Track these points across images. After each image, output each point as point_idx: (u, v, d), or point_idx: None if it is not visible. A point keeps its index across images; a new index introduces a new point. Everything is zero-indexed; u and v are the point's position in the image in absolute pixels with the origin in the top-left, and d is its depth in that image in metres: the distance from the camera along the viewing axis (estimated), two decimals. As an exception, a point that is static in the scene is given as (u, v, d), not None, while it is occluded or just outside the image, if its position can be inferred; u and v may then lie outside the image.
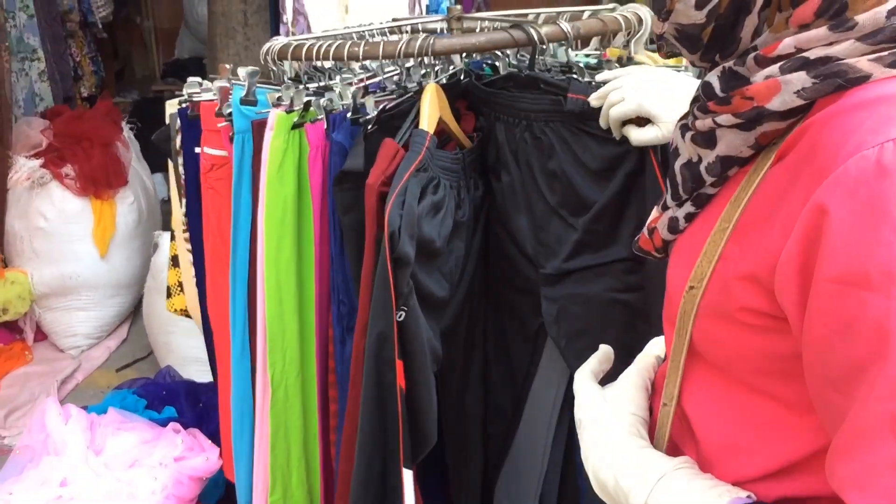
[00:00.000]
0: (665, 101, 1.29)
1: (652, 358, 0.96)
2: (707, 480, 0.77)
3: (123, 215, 3.80)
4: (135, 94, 6.55)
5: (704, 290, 0.75)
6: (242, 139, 1.55)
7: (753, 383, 0.75)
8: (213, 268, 1.75)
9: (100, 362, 3.75)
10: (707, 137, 0.75)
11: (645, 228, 0.91)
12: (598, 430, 0.88)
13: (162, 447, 2.11)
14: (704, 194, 0.79)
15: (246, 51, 4.26)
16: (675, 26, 0.76)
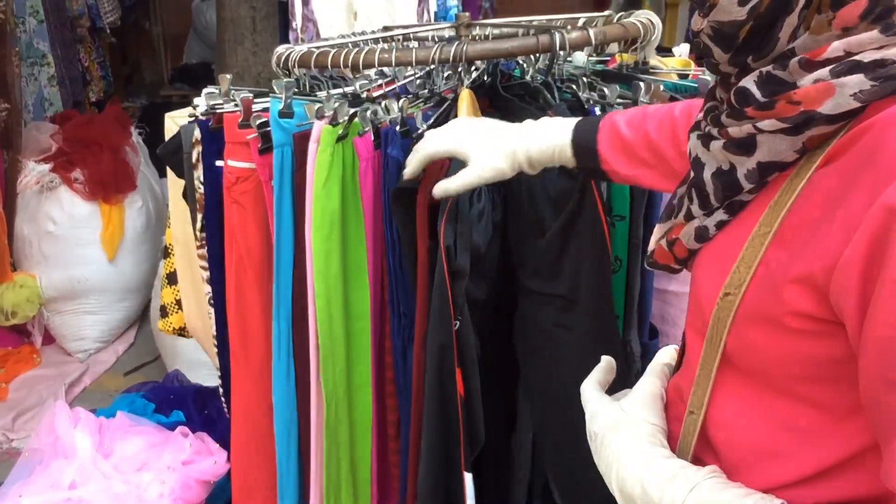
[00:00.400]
0: (477, 138, 1.25)
1: (664, 367, 0.96)
2: (740, 489, 0.76)
3: (132, 219, 3.82)
4: (143, 99, 6.57)
5: (743, 295, 0.74)
6: (282, 152, 1.52)
7: (791, 388, 0.75)
8: (237, 284, 1.71)
9: (108, 366, 3.76)
10: (744, 144, 0.75)
11: (662, 241, 0.90)
12: (619, 441, 0.87)
13: (170, 451, 2.13)
14: (739, 201, 0.79)
15: (254, 56, 4.28)
16: (712, 24, 0.75)
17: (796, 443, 0.75)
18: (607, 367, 1.01)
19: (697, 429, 0.84)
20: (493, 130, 1.26)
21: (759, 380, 0.77)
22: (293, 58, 1.57)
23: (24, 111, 4.18)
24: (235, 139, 1.62)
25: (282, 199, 1.55)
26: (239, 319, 1.73)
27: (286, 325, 1.63)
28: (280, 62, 1.63)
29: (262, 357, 1.75)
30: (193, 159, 1.72)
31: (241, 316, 1.73)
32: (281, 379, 1.66)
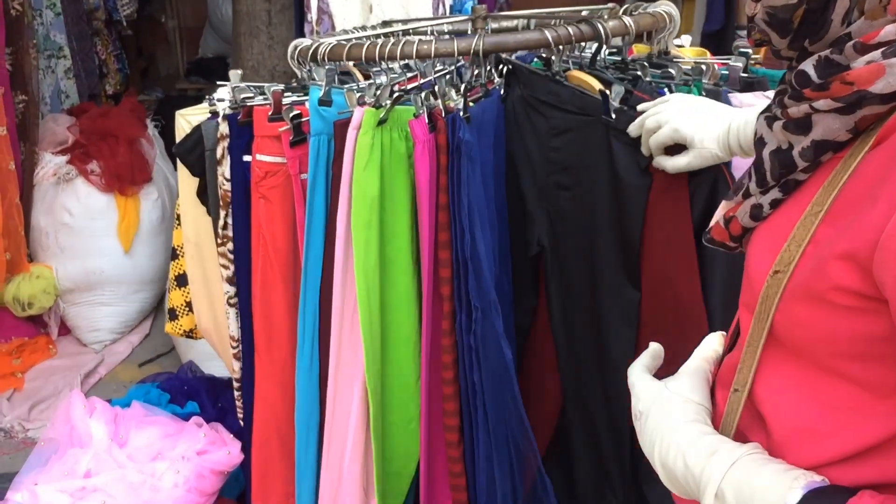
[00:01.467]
0: (699, 127, 1.34)
1: (711, 352, 0.97)
2: (780, 464, 0.77)
3: (147, 211, 3.84)
4: (159, 93, 6.59)
5: (792, 273, 0.76)
6: (318, 141, 1.51)
7: (835, 366, 0.75)
8: (263, 281, 1.71)
9: (122, 357, 3.78)
10: (801, 124, 0.77)
11: (720, 218, 0.92)
12: (662, 418, 0.89)
13: (185, 440, 2.14)
14: (793, 180, 0.80)
15: (269, 50, 4.28)
16: (766, 10, 0.78)
17: (839, 421, 0.76)
18: (655, 352, 1.03)
19: (741, 406, 0.85)
20: (712, 114, 1.35)
21: (804, 357, 0.78)
22: (322, 51, 1.55)
23: (41, 103, 4.20)
24: (265, 133, 1.61)
25: (315, 190, 1.53)
26: (264, 316, 1.72)
27: (312, 318, 1.61)
28: (305, 55, 1.60)
29: (287, 354, 1.75)
30: (218, 155, 1.70)
31: (266, 313, 1.72)
32: (303, 372, 1.65)
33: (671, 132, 1.37)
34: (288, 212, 1.66)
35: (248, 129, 1.65)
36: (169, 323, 2.32)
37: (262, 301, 1.72)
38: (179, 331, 2.28)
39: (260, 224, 1.67)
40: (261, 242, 1.68)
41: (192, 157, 1.78)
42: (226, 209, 1.72)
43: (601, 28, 1.51)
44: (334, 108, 1.51)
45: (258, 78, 4.38)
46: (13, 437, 3.20)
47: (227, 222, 1.74)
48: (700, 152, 1.35)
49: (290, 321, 1.73)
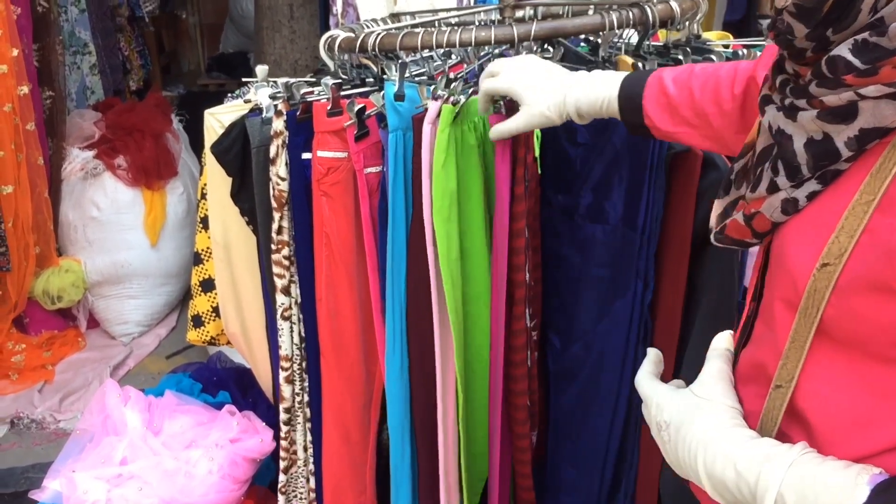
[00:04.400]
0: (532, 86, 1.32)
1: (726, 351, 0.95)
2: (837, 462, 0.76)
3: (173, 205, 3.87)
4: (180, 88, 6.64)
5: (845, 265, 0.74)
6: (396, 137, 1.50)
7: (890, 355, 0.74)
8: (329, 282, 1.68)
9: (150, 349, 3.83)
10: (843, 112, 0.75)
11: (737, 216, 0.90)
12: (701, 427, 0.86)
13: (218, 429, 2.16)
14: (833, 171, 0.78)
15: (292, 44, 4.31)
16: (795, 2, 0.76)
17: (891, 409, 0.75)
18: (656, 358, 1.02)
19: (786, 402, 0.83)
20: (549, 78, 1.32)
21: (856, 348, 0.77)
22: (371, 42, 1.52)
23: (68, 99, 4.25)
24: (325, 128, 1.60)
25: (396, 185, 1.51)
26: (330, 320, 1.71)
27: (400, 316, 1.59)
28: (349, 46, 1.58)
29: (355, 358, 1.75)
30: (272, 154, 1.66)
31: (332, 315, 1.71)
32: (395, 374, 1.62)
33: (506, 85, 1.34)
34: (350, 208, 1.64)
35: (305, 126, 1.64)
36: (193, 331, 2.27)
37: (328, 303, 1.70)
38: (205, 337, 2.24)
39: (323, 223, 1.65)
40: (324, 242, 1.66)
41: (229, 156, 1.75)
42: (280, 211, 1.68)
43: (650, 12, 1.52)
44: (408, 102, 1.50)
45: (280, 72, 4.41)
46: (45, 428, 3.24)
47: (282, 226, 1.69)
48: (529, 111, 1.32)
49: (356, 323, 1.72)
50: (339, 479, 1.84)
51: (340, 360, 1.74)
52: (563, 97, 1.29)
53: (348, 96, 1.63)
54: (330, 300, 1.70)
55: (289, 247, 1.71)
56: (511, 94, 1.35)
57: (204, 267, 2.15)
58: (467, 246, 1.53)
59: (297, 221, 1.70)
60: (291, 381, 1.82)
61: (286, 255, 1.71)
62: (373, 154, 1.60)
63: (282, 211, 1.67)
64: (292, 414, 1.86)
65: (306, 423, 1.88)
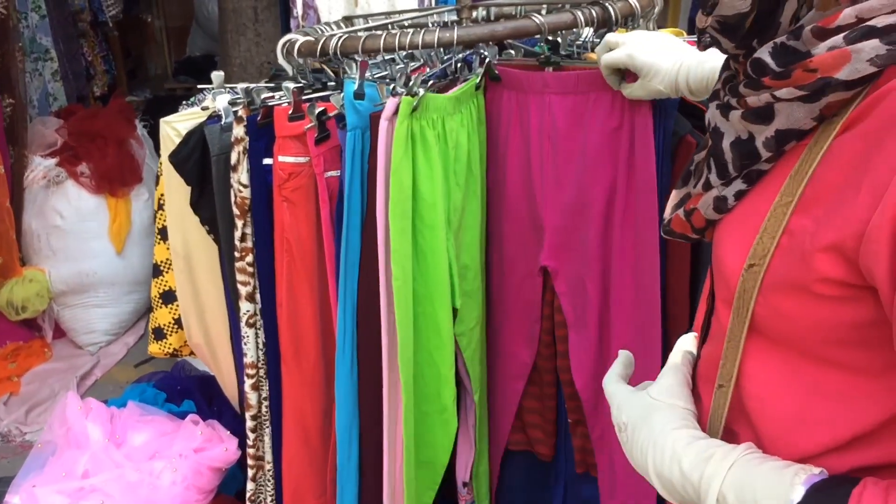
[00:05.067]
0: (653, 57, 1.37)
1: (687, 354, 0.96)
2: (777, 461, 0.76)
3: (139, 212, 3.83)
4: (147, 93, 6.57)
5: (768, 265, 0.75)
6: (353, 136, 1.48)
7: (823, 354, 0.74)
8: (290, 288, 1.66)
9: (118, 358, 3.79)
10: (762, 113, 0.75)
11: (679, 210, 0.91)
12: (650, 427, 0.87)
13: (182, 439, 2.14)
14: (757, 171, 0.79)
15: (257, 47, 4.27)
16: (717, 19, 0.77)
17: (830, 408, 0.75)
18: (626, 360, 1.02)
19: (728, 401, 0.84)
20: (668, 49, 1.38)
21: (789, 347, 0.77)
22: (333, 44, 1.50)
23: (29, 106, 4.19)
24: (286, 133, 1.58)
25: (352, 186, 1.49)
26: (291, 325, 1.69)
27: (352, 318, 1.57)
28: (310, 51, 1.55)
29: (314, 362, 1.73)
30: (233, 161, 1.62)
31: (293, 321, 1.69)
32: (345, 376, 1.61)
33: (625, 57, 1.40)
34: (311, 213, 1.63)
35: (266, 131, 1.61)
36: (154, 343, 2.22)
37: (289, 309, 1.68)
38: (168, 349, 2.20)
39: (284, 229, 1.63)
40: (285, 248, 1.64)
41: (188, 165, 1.71)
42: (243, 219, 1.65)
43: (612, 10, 1.54)
44: (367, 101, 1.48)
45: (246, 75, 4.37)
46: (10, 441, 3.20)
47: (245, 233, 1.66)
48: (645, 84, 1.39)
49: (316, 327, 1.70)
50: (300, 481, 1.83)
51: (301, 365, 1.73)
52: (675, 74, 1.34)
53: (309, 100, 1.61)
54: (290, 305, 1.69)
55: (253, 253, 1.70)
56: (630, 67, 1.41)
57: (164, 279, 2.11)
58: (421, 243, 1.51)
59: (257, 228, 1.68)
60: (258, 387, 1.81)
61: (250, 262, 1.70)
62: (333, 157, 1.58)
63: (245, 218, 1.66)
64: (259, 421, 1.84)
65: (268, 427, 1.86)
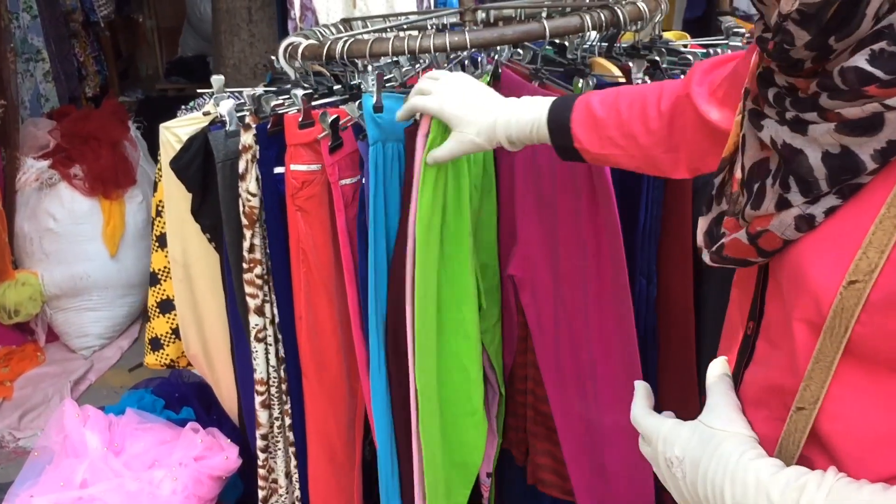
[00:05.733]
0: (464, 110, 1.30)
1: (728, 378, 0.92)
2: (875, 485, 0.73)
3: (133, 214, 3.80)
4: (139, 94, 6.53)
5: (875, 281, 0.71)
6: (376, 150, 1.46)
7: None
8: (308, 300, 1.63)
9: (112, 362, 3.75)
10: (867, 124, 0.72)
11: (740, 234, 0.85)
12: (721, 459, 0.83)
13: (181, 447, 2.11)
14: (853, 185, 0.75)
15: (251, 48, 4.24)
16: (802, 5, 0.72)
17: None
18: (647, 391, 0.99)
19: (809, 425, 0.80)
20: (479, 103, 1.30)
21: (884, 366, 0.74)
22: (339, 48, 1.48)
23: (21, 108, 4.15)
24: (297, 140, 1.55)
25: (377, 198, 1.47)
26: (311, 337, 1.66)
27: (382, 332, 1.55)
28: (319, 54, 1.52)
29: (336, 374, 1.70)
30: (241, 169, 1.58)
31: (313, 333, 1.66)
32: (380, 391, 1.59)
33: (436, 107, 1.32)
34: (326, 222, 1.60)
35: (276, 139, 1.58)
36: (151, 354, 2.17)
37: (308, 322, 1.65)
38: (165, 360, 2.14)
39: (299, 239, 1.60)
40: (301, 259, 1.61)
41: (190, 172, 1.68)
42: (251, 228, 1.61)
43: (621, 13, 1.52)
44: (386, 112, 1.46)
45: (240, 76, 4.35)
46: (4, 446, 3.16)
47: (253, 244, 1.62)
48: (460, 137, 1.31)
49: (337, 339, 1.68)
50: (328, 501, 1.79)
51: (322, 379, 1.70)
52: (493, 123, 1.27)
53: (318, 106, 1.59)
54: (310, 318, 1.65)
55: (261, 265, 1.66)
56: (440, 117, 1.33)
57: (161, 287, 2.06)
58: (448, 251, 1.50)
59: (272, 239, 1.65)
60: (268, 405, 1.77)
61: (259, 274, 1.65)
62: (347, 165, 1.56)
63: (253, 228, 1.62)
64: (270, 440, 1.80)
65: (288, 447, 1.82)
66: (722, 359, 0.95)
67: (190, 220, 1.82)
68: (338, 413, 1.75)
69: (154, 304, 2.08)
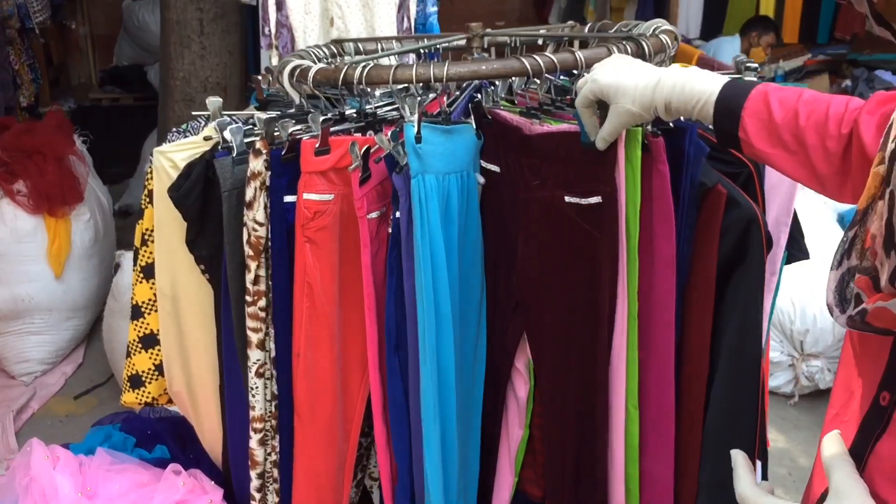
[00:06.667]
0: (620, 78, 1.25)
1: (849, 458, 0.87)
2: None
3: (79, 233, 3.62)
4: (71, 103, 6.28)
5: None
6: (418, 183, 1.39)
7: None
8: (309, 335, 1.56)
9: (56, 389, 3.56)
10: None
11: (891, 305, 0.78)
12: None
13: (162, 490, 1.97)
14: None
15: (202, 60, 4.12)
16: None
17: None
18: (748, 463, 0.93)
19: None
20: (633, 72, 1.25)
21: None
22: (357, 74, 1.43)
23: (-44, 119, 3.92)
24: (313, 168, 1.47)
25: (425, 233, 1.40)
26: (308, 375, 1.57)
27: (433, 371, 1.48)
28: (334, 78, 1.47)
29: (330, 414, 1.60)
30: (248, 197, 1.50)
31: (311, 371, 1.57)
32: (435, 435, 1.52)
33: (589, 82, 1.29)
34: (334, 255, 1.52)
35: (289, 167, 1.50)
36: (130, 392, 2.00)
37: (306, 359, 1.56)
38: (145, 398, 1.97)
39: (305, 271, 1.52)
40: (305, 293, 1.53)
41: (189, 200, 1.58)
42: (257, 260, 1.52)
43: (646, 45, 1.50)
44: (425, 144, 1.39)
45: (189, 89, 4.21)
46: (-58, 483, 2.94)
47: (258, 275, 1.53)
48: (616, 109, 1.26)
49: (335, 378, 1.59)
50: None
51: (316, 419, 1.61)
52: (653, 85, 1.21)
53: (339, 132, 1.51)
54: (309, 355, 1.56)
55: (266, 297, 1.56)
56: (595, 93, 1.29)
57: (145, 321, 1.92)
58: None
59: (276, 270, 1.56)
60: (264, 442, 1.67)
61: (262, 307, 1.55)
62: (373, 198, 1.48)
63: (258, 259, 1.52)
64: (265, 479, 1.70)
65: (272, 484, 1.72)
66: (836, 434, 0.89)
67: (182, 250, 1.70)
68: (328, 455, 1.67)
69: (136, 339, 1.93)
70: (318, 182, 1.48)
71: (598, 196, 1.41)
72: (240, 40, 4.16)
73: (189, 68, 4.15)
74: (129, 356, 1.96)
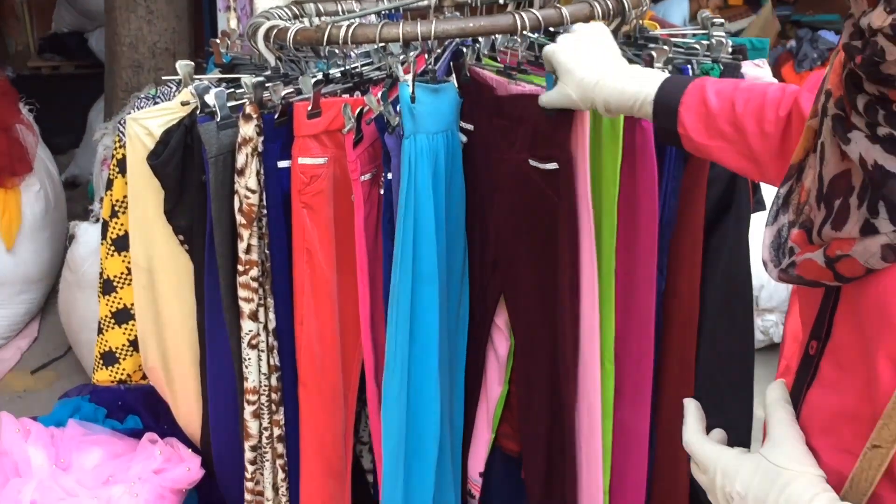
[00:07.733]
0: (573, 61, 1.27)
1: (789, 407, 0.89)
2: None
3: (30, 204, 3.53)
4: (9, 72, 6.07)
5: None
6: (410, 143, 1.39)
7: None
8: (310, 302, 1.55)
9: (11, 364, 3.48)
10: None
11: (815, 256, 0.80)
12: (791, 501, 0.80)
13: (139, 460, 1.96)
14: None
15: (149, 25, 4.04)
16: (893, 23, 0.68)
17: None
18: (699, 412, 0.96)
19: (885, 463, 0.77)
20: (589, 61, 1.26)
21: None
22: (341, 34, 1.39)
23: None
24: (307, 132, 1.46)
25: (410, 193, 1.40)
26: (312, 343, 1.56)
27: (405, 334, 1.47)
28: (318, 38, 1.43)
29: (334, 382, 1.60)
30: (239, 164, 1.47)
31: (313, 339, 1.56)
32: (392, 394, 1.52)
33: (550, 50, 1.31)
34: (329, 219, 1.51)
35: (282, 131, 1.48)
36: (103, 370, 1.96)
37: (309, 328, 1.55)
38: (119, 375, 1.95)
39: (304, 237, 1.50)
40: (306, 259, 1.51)
41: (169, 168, 1.55)
42: (249, 228, 1.50)
43: (626, 2, 1.51)
44: (418, 105, 1.39)
45: (137, 55, 4.13)
46: None
47: (251, 244, 1.51)
48: (560, 88, 1.29)
49: (337, 345, 1.59)
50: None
51: (322, 388, 1.60)
52: (592, 84, 1.23)
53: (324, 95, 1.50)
54: (312, 323, 1.56)
55: (258, 266, 1.54)
56: (550, 62, 1.31)
57: (118, 296, 1.87)
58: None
59: (273, 238, 1.54)
60: (258, 415, 1.65)
61: (255, 276, 1.54)
62: (366, 160, 1.47)
63: (251, 227, 1.50)
64: (259, 451, 1.69)
65: (276, 459, 1.71)
66: (781, 382, 0.92)
67: (158, 221, 1.67)
68: (335, 423, 1.68)
69: (108, 315, 1.89)
70: (312, 145, 1.48)
71: (555, 163, 1.44)
72: (188, 5, 4.08)
73: (136, 34, 4.06)
74: (101, 332, 1.93)
